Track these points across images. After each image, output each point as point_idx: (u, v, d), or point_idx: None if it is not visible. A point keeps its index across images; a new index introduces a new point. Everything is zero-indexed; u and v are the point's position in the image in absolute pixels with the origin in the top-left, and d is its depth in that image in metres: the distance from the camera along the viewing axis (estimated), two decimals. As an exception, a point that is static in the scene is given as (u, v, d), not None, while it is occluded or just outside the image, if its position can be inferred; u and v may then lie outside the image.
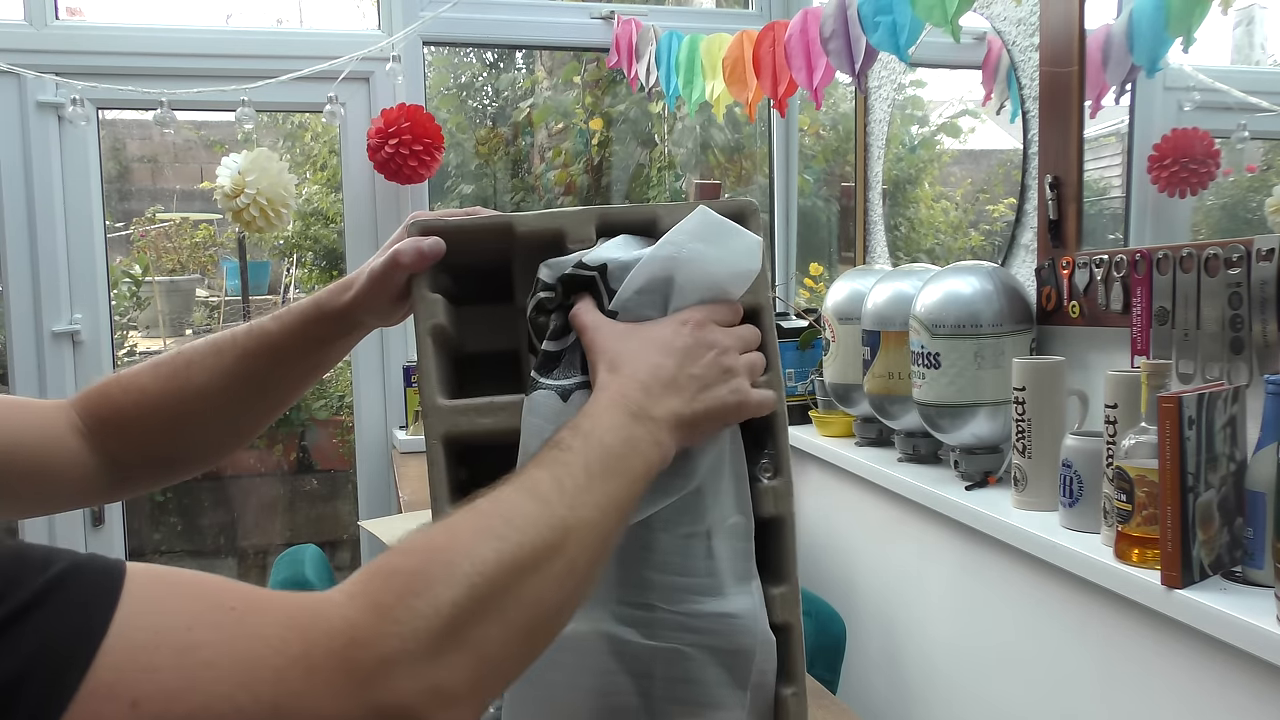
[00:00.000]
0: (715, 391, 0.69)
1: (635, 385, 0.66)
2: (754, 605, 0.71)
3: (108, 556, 0.46)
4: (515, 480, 0.59)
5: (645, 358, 0.68)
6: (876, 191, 2.18)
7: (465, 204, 3.24)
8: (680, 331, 0.70)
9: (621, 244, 0.75)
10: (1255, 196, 1.28)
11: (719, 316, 0.72)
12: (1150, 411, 1.09)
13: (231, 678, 0.43)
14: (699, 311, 0.71)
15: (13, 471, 0.77)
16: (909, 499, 1.62)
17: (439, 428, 0.78)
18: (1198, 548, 1.03)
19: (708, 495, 0.71)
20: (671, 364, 0.68)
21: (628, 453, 0.63)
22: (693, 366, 0.68)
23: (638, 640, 0.70)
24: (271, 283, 3.95)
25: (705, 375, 0.69)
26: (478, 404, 0.77)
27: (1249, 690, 0.99)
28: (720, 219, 0.73)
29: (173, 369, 0.82)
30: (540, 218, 0.81)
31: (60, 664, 0.40)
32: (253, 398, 0.84)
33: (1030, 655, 1.36)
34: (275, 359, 0.82)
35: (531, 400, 0.72)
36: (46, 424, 0.80)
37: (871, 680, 1.80)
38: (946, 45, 1.54)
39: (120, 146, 3.43)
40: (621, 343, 0.69)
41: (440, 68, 3.38)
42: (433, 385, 0.78)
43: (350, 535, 3.05)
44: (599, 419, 0.64)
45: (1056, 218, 1.49)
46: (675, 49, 2.28)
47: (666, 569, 0.71)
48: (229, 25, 2.73)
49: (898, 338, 1.64)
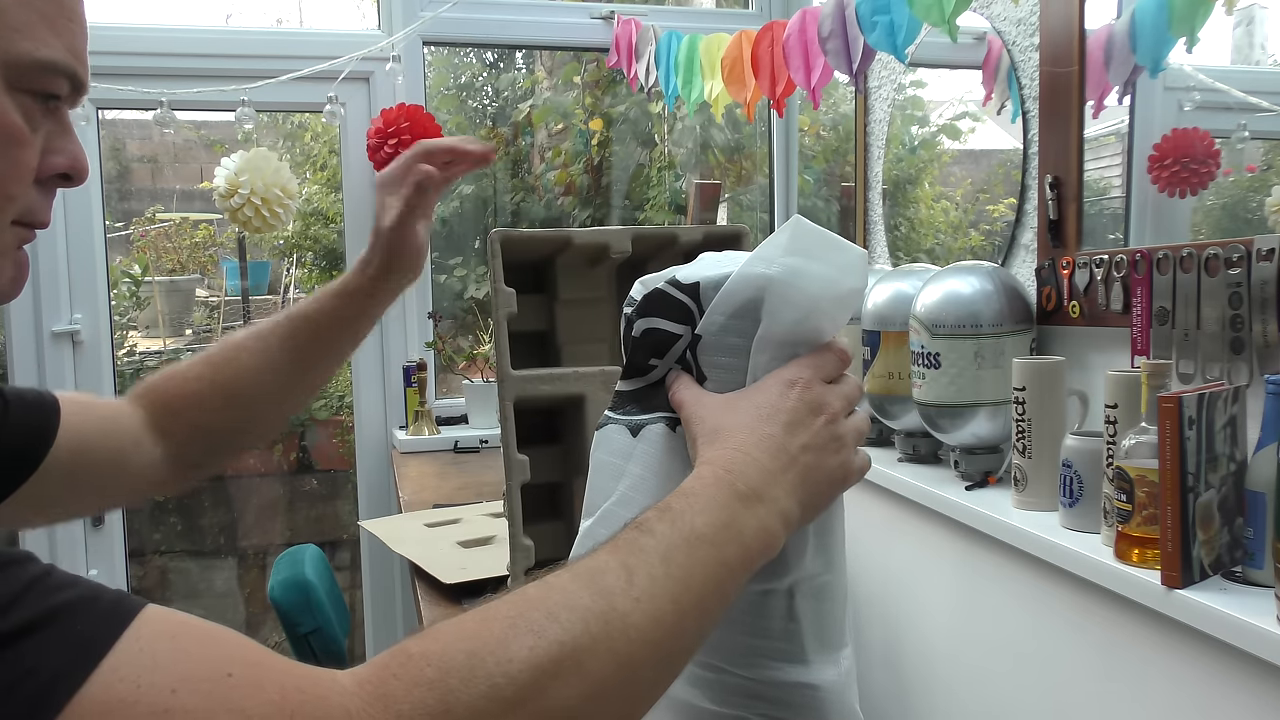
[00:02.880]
0: (826, 464, 0.60)
1: (742, 458, 0.57)
2: (841, 677, 0.64)
3: (132, 596, 0.43)
4: (579, 564, 0.51)
5: (751, 427, 0.59)
6: (876, 191, 2.18)
7: (465, 204, 3.25)
8: (787, 394, 0.60)
9: (715, 261, 0.68)
10: (1255, 196, 1.28)
11: (826, 371, 0.63)
12: (1150, 411, 1.09)
13: None
14: (805, 368, 0.62)
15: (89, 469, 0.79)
16: (909, 499, 1.61)
17: (511, 392, 1.03)
18: (1198, 548, 1.03)
19: (789, 547, 0.61)
20: (780, 433, 0.59)
21: (725, 539, 0.53)
22: (803, 435, 0.59)
23: (704, 705, 0.63)
24: (271, 283, 3.95)
25: (816, 445, 0.60)
26: (540, 374, 1.03)
27: (1249, 690, 0.99)
28: (818, 229, 0.65)
29: (224, 356, 0.88)
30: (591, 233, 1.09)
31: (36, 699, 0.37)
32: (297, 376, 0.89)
33: (1030, 655, 1.36)
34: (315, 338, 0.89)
35: (601, 435, 0.67)
36: (116, 420, 0.84)
37: (871, 679, 1.80)
38: (946, 45, 1.54)
39: (120, 146, 3.43)
40: (723, 414, 0.60)
41: (440, 68, 3.38)
42: (505, 358, 1.03)
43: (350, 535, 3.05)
44: (694, 497, 0.54)
45: (1056, 218, 1.49)
46: (675, 49, 2.28)
47: (738, 628, 0.62)
48: (229, 25, 2.73)
49: (898, 338, 1.64)
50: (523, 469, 1.04)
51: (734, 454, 0.57)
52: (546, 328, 1.21)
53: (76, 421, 0.79)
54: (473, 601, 1.43)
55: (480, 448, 2.48)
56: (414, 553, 1.60)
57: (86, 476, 0.79)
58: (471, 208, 3.28)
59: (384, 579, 2.57)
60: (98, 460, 0.80)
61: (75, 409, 0.81)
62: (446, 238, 3.22)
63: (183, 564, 3.34)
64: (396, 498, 2.13)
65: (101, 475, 0.81)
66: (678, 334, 0.65)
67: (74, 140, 0.63)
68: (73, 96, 0.63)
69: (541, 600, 0.47)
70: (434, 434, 2.50)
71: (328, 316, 0.89)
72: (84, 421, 0.80)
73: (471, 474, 2.25)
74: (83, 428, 0.80)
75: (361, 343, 0.96)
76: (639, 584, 0.49)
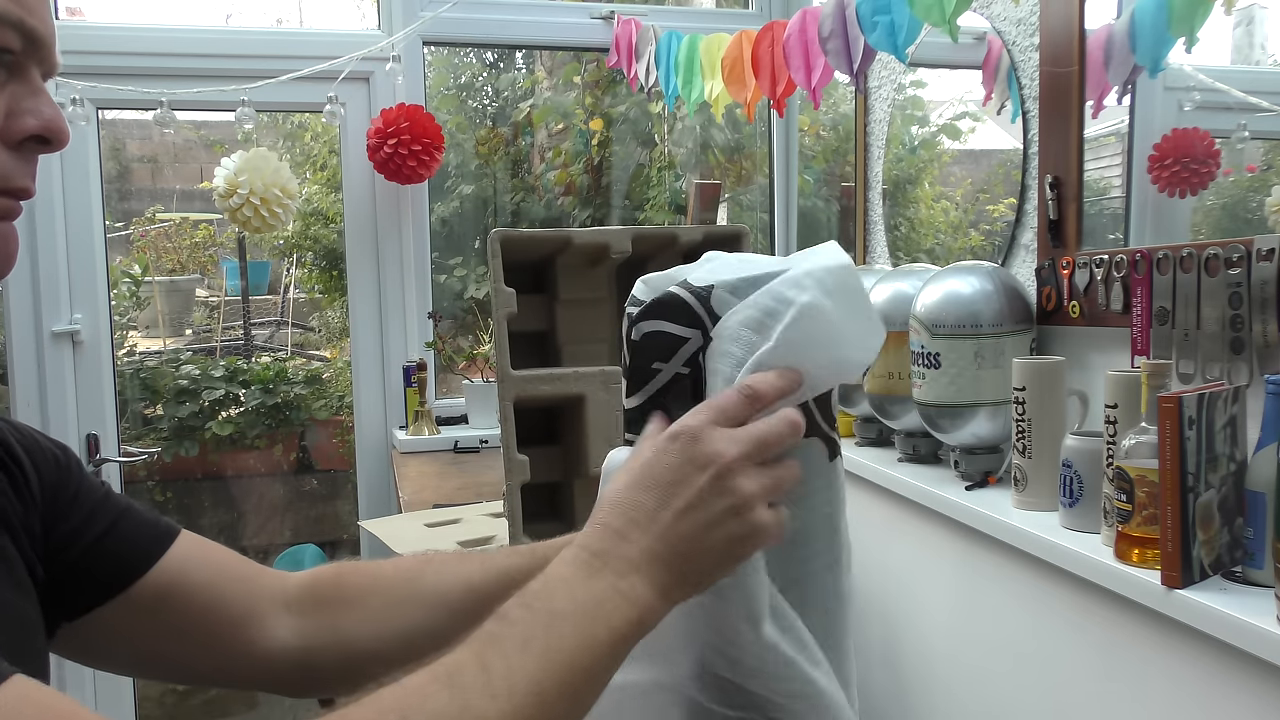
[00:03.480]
0: (718, 526, 0.54)
1: (601, 534, 0.54)
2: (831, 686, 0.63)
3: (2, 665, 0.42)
4: (436, 664, 0.49)
5: (618, 497, 0.55)
6: (876, 191, 2.18)
7: (465, 204, 3.24)
8: (667, 450, 0.55)
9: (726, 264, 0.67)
10: (1255, 196, 1.28)
11: (726, 416, 0.57)
12: (1150, 411, 1.09)
13: None
14: (697, 415, 0.57)
15: (196, 612, 0.71)
16: (909, 499, 1.61)
17: (511, 392, 1.03)
18: (1198, 548, 1.03)
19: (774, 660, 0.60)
20: (649, 499, 0.54)
21: (586, 618, 0.51)
22: (683, 495, 0.54)
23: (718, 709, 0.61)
24: (271, 283, 3.96)
25: (698, 503, 0.54)
26: (540, 374, 1.04)
27: (1249, 690, 0.99)
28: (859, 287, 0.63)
29: (412, 563, 0.79)
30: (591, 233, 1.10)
31: None
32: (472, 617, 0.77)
33: (1030, 655, 1.36)
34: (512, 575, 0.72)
35: (611, 459, 0.66)
36: (248, 578, 0.75)
37: (871, 679, 1.80)
38: (946, 45, 1.54)
39: (120, 146, 3.43)
40: (617, 475, 0.57)
41: (440, 68, 3.38)
42: (505, 358, 1.03)
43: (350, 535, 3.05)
44: (553, 580, 0.52)
45: (1056, 218, 1.49)
46: (675, 49, 2.28)
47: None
48: (229, 25, 2.73)
49: (898, 338, 1.64)
50: (523, 469, 1.05)
51: (596, 529, 0.54)
52: (546, 328, 1.21)
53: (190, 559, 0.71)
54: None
55: (480, 448, 2.48)
56: (414, 553, 1.60)
57: (180, 625, 0.71)
58: (471, 208, 3.28)
59: (384, 579, 2.56)
60: (200, 611, 0.71)
61: (200, 549, 0.73)
62: (446, 238, 3.22)
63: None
64: (396, 498, 2.13)
65: (201, 631, 0.72)
66: (685, 337, 0.63)
67: (46, 101, 0.58)
68: (34, 53, 0.58)
69: (397, 704, 0.46)
70: (434, 434, 2.50)
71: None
72: (201, 562, 0.72)
73: (471, 474, 2.25)
74: (195, 568, 0.72)
75: None
76: (496, 678, 0.48)
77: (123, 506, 0.72)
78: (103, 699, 2.42)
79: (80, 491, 0.70)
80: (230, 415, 3.33)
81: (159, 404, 3.26)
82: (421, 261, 2.56)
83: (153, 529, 0.73)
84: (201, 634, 0.72)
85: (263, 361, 3.55)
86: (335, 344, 3.79)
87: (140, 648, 0.72)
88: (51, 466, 0.68)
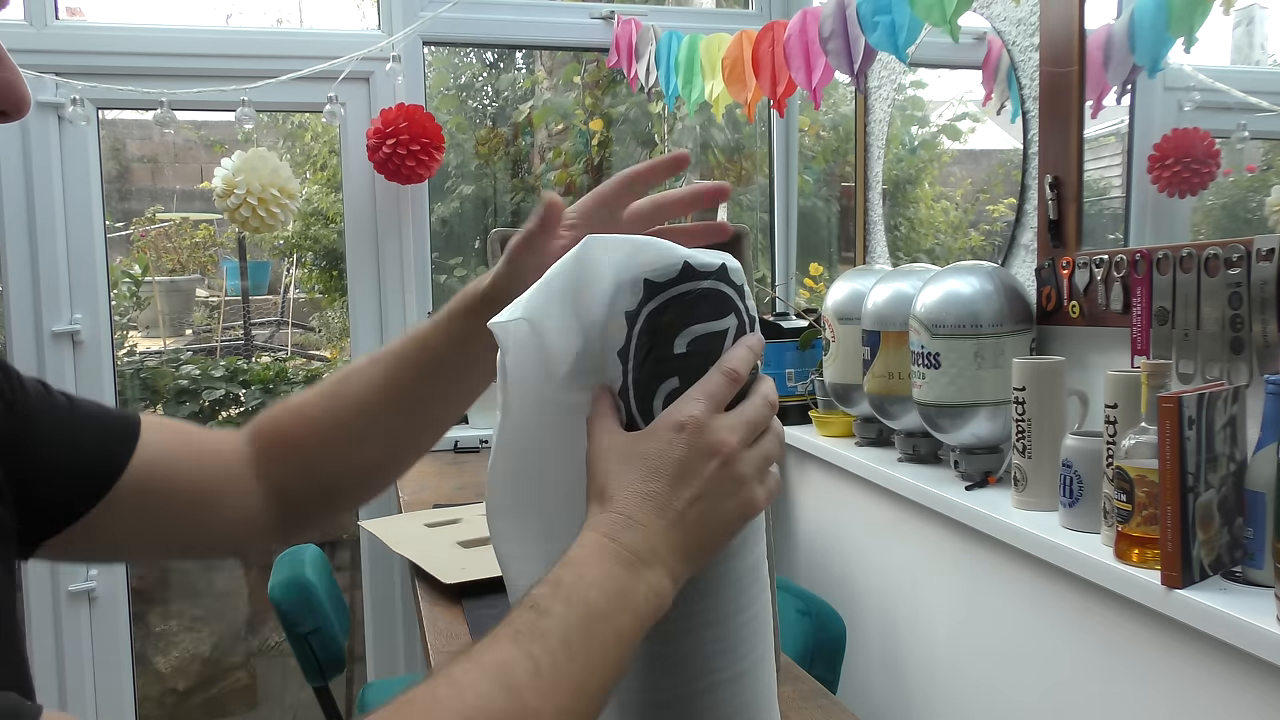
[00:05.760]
0: (720, 510, 0.57)
1: (623, 523, 0.55)
2: None
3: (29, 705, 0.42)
4: (484, 657, 0.49)
5: (634, 486, 0.56)
6: (876, 191, 2.18)
7: (465, 204, 3.24)
8: (675, 442, 0.57)
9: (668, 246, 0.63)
10: (1255, 196, 1.28)
11: (718, 400, 0.58)
12: (1150, 411, 1.09)
13: None
14: (695, 404, 0.58)
15: (174, 499, 0.72)
16: (909, 499, 1.62)
17: None
18: (1198, 548, 1.03)
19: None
20: (665, 489, 0.56)
21: (617, 609, 0.52)
22: (693, 485, 0.56)
23: None
24: (271, 283, 3.96)
25: (707, 492, 0.57)
26: None
27: (1249, 690, 0.99)
28: None
29: (332, 383, 0.78)
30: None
31: None
32: (405, 410, 0.76)
33: (1030, 655, 1.36)
34: (425, 363, 0.75)
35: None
36: (214, 452, 0.75)
37: (871, 680, 1.80)
38: (946, 45, 1.54)
39: (120, 146, 3.43)
40: (613, 468, 0.57)
41: (440, 68, 3.38)
42: None
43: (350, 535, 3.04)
44: (584, 569, 0.53)
45: (1056, 218, 1.49)
46: (675, 49, 2.28)
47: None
48: (229, 25, 2.73)
49: (898, 338, 1.64)
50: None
51: (617, 518, 0.55)
52: None
53: (158, 450, 0.71)
54: (473, 601, 1.43)
55: (480, 448, 2.48)
56: (414, 553, 1.60)
57: (162, 515, 0.71)
58: (471, 208, 3.28)
59: (384, 579, 2.56)
60: (179, 498, 0.72)
61: (162, 435, 0.73)
62: (446, 238, 3.22)
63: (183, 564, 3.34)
64: (396, 498, 2.13)
65: (182, 516, 0.73)
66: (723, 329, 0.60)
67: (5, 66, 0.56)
68: None
69: (455, 703, 0.47)
70: (434, 434, 2.50)
71: (438, 331, 0.75)
72: (168, 450, 0.72)
73: (471, 474, 2.25)
74: (164, 458, 0.72)
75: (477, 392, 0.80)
76: (545, 676, 0.49)
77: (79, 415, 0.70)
78: (103, 699, 2.42)
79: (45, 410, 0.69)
80: (231, 415, 3.33)
81: (159, 404, 3.26)
82: (421, 261, 2.56)
83: (118, 427, 0.71)
84: (181, 518, 0.73)
85: (263, 361, 3.55)
86: (335, 344, 3.79)
87: (123, 543, 0.73)
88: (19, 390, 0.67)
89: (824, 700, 1.21)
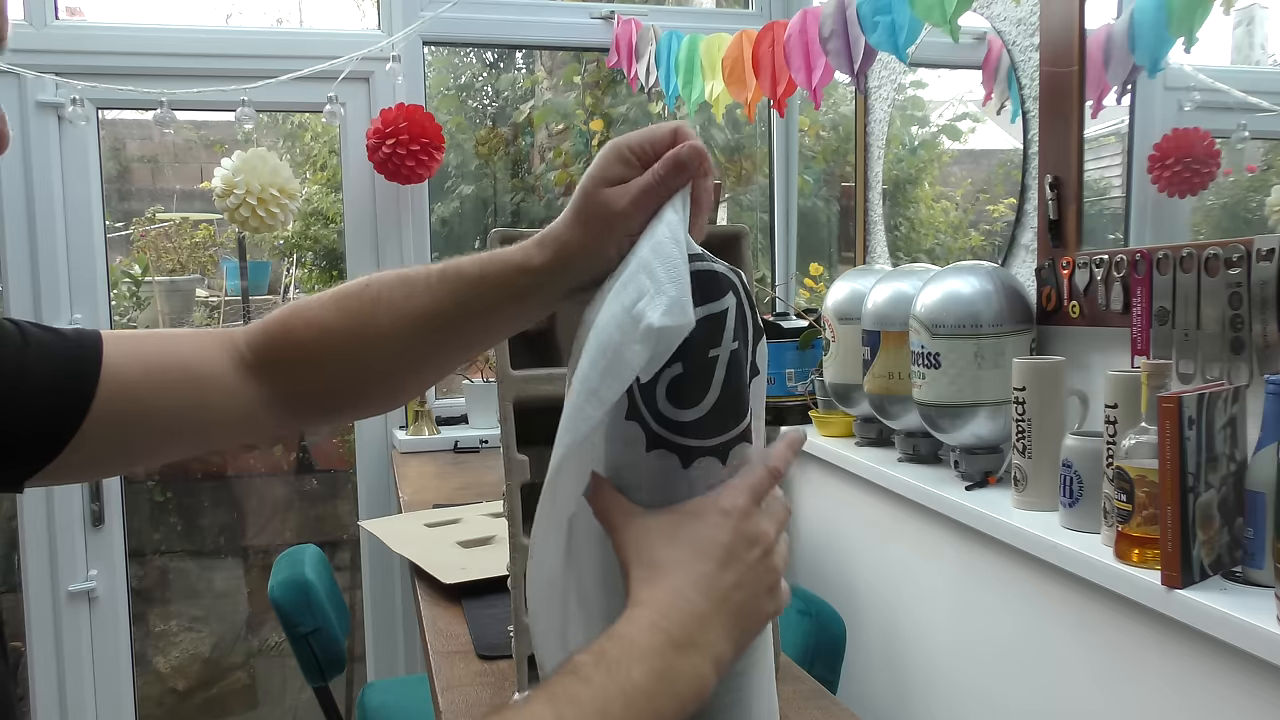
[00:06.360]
0: (758, 599, 0.58)
1: (678, 602, 0.54)
2: None
3: None
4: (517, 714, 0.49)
5: (687, 565, 0.56)
6: (876, 191, 2.18)
7: (465, 204, 3.24)
8: (723, 526, 0.57)
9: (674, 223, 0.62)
10: (1255, 196, 1.28)
11: (760, 494, 0.59)
12: (1150, 411, 1.09)
13: None
14: (741, 494, 0.59)
15: (161, 401, 0.69)
16: (909, 499, 1.62)
17: (511, 392, 1.02)
18: (1198, 548, 1.03)
19: None
20: (714, 569, 0.56)
21: (659, 690, 0.51)
22: (737, 570, 0.57)
23: None
24: (271, 283, 3.95)
25: (749, 580, 0.57)
26: (540, 374, 1.02)
27: (1249, 690, 0.99)
28: None
29: (359, 305, 0.72)
30: None
31: None
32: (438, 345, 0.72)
33: (1030, 655, 1.36)
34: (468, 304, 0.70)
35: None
36: (199, 354, 0.72)
37: (871, 680, 1.80)
38: (946, 45, 1.54)
39: (120, 146, 3.43)
40: (660, 546, 0.57)
41: (440, 68, 3.38)
42: (505, 358, 1.02)
43: (350, 535, 3.04)
44: (630, 645, 0.52)
45: (1056, 218, 1.49)
46: (675, 49, 2.28)
47: None
48: (229, 25, 2.73)
49: (898, 338, 1.64)
50: (523, 469, 1.04)
51: (670, 596, 0.55)
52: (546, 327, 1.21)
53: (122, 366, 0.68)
54: (472, 601, 1.43)
55: (480, 448, 2.48)
56: (414, 553, 1.60)
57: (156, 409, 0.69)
58: (471, 208, 3.28)
59: (384, 579, 2.57)
60: (171, 393, 0.70)
61: (153, 339, 0.72)
62: (446, 238, 3.22)
63: (183, 564, 3.34)
64: (396, 498, 2.13)
65: (176, 410, 0.70)
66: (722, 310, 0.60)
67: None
68: None
69: None
70: (434, 434, 2.50)
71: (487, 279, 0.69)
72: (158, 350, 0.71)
73: (471, 474, 2.25)
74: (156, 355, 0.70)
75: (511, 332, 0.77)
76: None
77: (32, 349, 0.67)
78: (103, 699, 2.42)
79: None
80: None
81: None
82: (421, 261, 2.56)
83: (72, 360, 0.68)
84: (163, 431, 0.71)
85: (263, 361, 3.54)
86: (335, 344, 3.79)
87: (113, 462, 0.73)
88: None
89: (824, 700, 1.21)
